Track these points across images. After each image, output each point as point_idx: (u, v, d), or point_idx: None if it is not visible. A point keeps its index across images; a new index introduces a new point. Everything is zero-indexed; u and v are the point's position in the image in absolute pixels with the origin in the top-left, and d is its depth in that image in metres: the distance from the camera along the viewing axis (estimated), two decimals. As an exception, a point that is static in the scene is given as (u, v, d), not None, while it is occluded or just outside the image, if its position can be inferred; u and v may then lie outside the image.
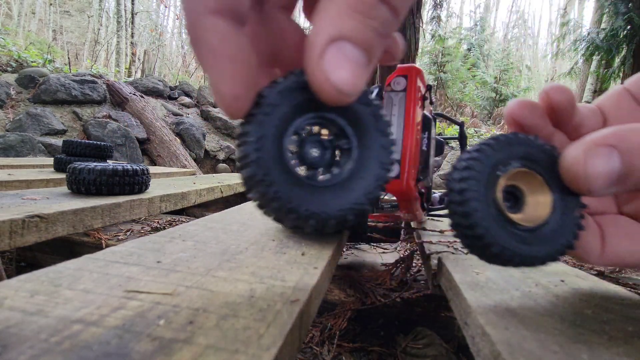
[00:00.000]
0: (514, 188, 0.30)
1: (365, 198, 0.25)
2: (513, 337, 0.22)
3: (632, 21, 5.85)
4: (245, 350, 0.18)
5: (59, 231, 0.63)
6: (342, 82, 0.20)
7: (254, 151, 0.22)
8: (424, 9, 8.03)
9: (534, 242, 0.28)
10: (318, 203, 0.24)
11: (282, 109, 0.23)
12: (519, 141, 0.29)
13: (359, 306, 0.86)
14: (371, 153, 0.25)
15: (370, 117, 0.24)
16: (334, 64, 0.19)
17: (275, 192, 0.22)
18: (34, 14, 13.71)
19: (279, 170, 0.22)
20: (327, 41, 0.19)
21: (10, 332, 0.18)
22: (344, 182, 0.25)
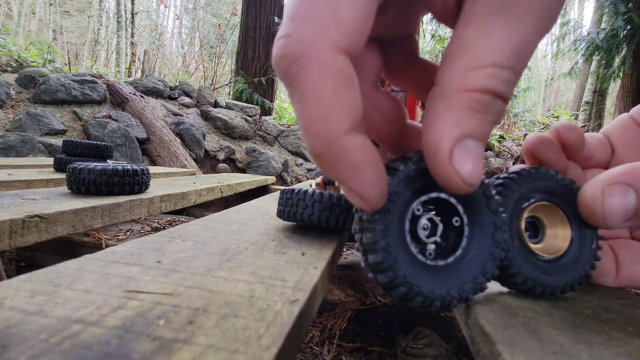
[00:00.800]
0: (534, 219, 0.32)
1: (482, 276, 0.26)
2: (513, 337, 0.22)
3: (632, 21, 5.85)
4: (245, 350, 0.18)
5: (59, 231, 0.63)
6: (471, 176, 0.21)
7: (382, 238, 0.23)
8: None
9: (554, 273, 0.30)
10: (440, 284, 0.25)
11: (404, 196, 0.24)
12: (540, 176, 0.30)
13: (359, 306, 0.86)
14: (484, 231, 0.26)
15: (482, 196, 0.26)
16: (462, 161, 0.21)
17: (405, 277, 0.23)
18: (34, 14, 13.71)
19: (404, 255, 0.24)
20: (454, 143, 0.21)
21: (10, 332, 0.18)
22: (459, 261, 0.26)
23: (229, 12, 13.39)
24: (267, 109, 5.64)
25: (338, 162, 0.20)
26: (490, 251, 0.26)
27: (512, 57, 0.20)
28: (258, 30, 5.68)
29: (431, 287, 0.24)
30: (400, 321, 0.87)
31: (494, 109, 0.21)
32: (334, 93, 0.19)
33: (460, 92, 0.20)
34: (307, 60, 0.18)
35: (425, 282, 0.24)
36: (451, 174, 0.21)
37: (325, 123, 0.19)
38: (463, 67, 0.20)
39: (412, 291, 0.24)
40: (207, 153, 4.34)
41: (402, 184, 0.24)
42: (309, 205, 0.48)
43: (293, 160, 4.54)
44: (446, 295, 0.24)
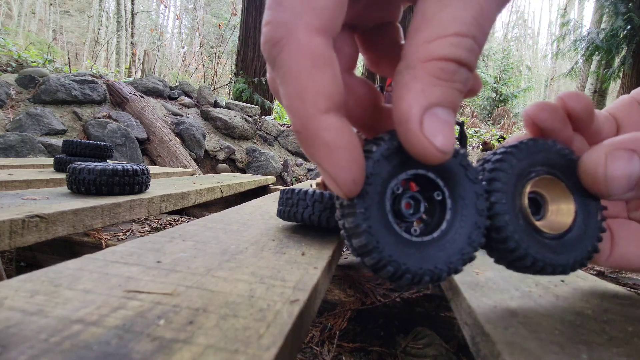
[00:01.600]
0: (535, 194, 0.30)
1: (469, 246, 0.26)
2: (513, 337, 0.22)
3: (632, 21, 5.85)
4: (245, 350, 0.18)
5: (59, 231, 0.63)
6: (443, 143, 0.21)
7: (363, 221, 0.23)
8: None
9: (562, 250, 0.28)
10: (428, 259, 0.25)
11: (381, 176, 0.24)
12: (539, 148, 0.29)
13: (359, 306, 0.86)
14: (466, 202, 0.26)
15: (459, 166, 0.26)
16: (433, 130, 0.21)
17: (390, 256, 0.23)
18: (34, 14, 13.71)
19: (387, 235, 0.24)
20: (422, 111, 0.21)
21: (10, 332, 0.18)
22: (445, 234, 0.26)
23: (229, 12, 13.38)
24: (267, 109, 5.64)
25: (313, 140, 0.21)
26: (475, 220, 0.26)
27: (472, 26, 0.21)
28: (258, 30, 5.68)
29: (419, 264, 0.24)
30: (400, 321, 0.87)
31: (459, 76, 0.21)
32: (311, 72, 0.19)
33: (424, 62, 0.21)
34: (285, 42, 0.19)
35: (412, 259, 0.24)
36: (424, 143, 0.21)
37: (302, 101, 0.20)
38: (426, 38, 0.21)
39: (399, 270, 0.24)
40: (207, 153, 4.34)
41: (377, 165, 0.24)
42: (310, 205, 0.48)
43: (293, 160, 4.54)
44: (434, 270, 0.24)
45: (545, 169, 0.29)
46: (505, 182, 0.27)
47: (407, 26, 0.24)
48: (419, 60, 0.21)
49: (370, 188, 0.23)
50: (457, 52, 0.21)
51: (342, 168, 0.21)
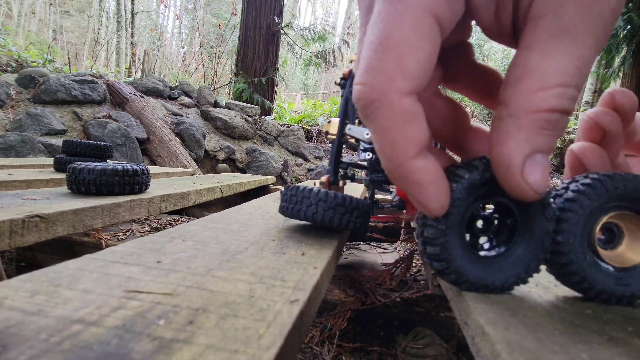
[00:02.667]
0: (611, 224, 0.30)
1: (525, 272, 0.29)
2: (513, 337, 0.22)
3: (632, 21, 5.85)
4: (245, 350, 0.18)
5: (59, 231, 0.63)
6: (540, 185, 0.24)
7: (442, 235, 0.27)
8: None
9: (632, 281, 0.29)
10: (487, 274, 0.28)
11: (467, 201, 0.27)
12: (616, 182, 0.28)
13: (359, 306, 0.86)
14: (534, 235, 0.28)
15: (538, 203, 0.27)
16: (532, 173, 0.23)
17: (456, 267, 0.27)
18: (34, 14, 13.71)
19: (458, 249, 0.27)
20: (524, 159, 0.23)
21: (10, 332, 0.18)
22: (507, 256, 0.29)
23: (229, 12, 13.38)
24: (267, 109, 5.64)
25: (405, 180, 0.24)
26: (537, 253, 0.28)
27: (575, 76, 0.22)
28: (258, 30, 5.68)
29: (479, 276, 0.28)
30: (400, 321, 0.87)
31: (561, 124, 0.23)
32: (402, 128, 0.22)
33: (530, 113, 0.22)
34: (379, 104, 0.22)
35: (474, 271, 0.28)
36: (522, 186, 0.24)
37: (394, 150, 0.23)
38: (531, 89, 0.22)
39: (461, 278, 0.28)
40: (207, 153, 4.34)
41: (465, 191, 0.26)
42: (314, 204, 0.48)
43: (293, 160, 4.54)
44: (490, 284, 0.28)
45: (622, 204, 0.29)
46: (575, 223, 0.28)
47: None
48: (524, 110, 0.22)
49: (455, 210, 0.26)
50: (562, 103, 0.22)
51: (431, 199, 0.25)
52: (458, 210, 0.26)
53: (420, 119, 0.23)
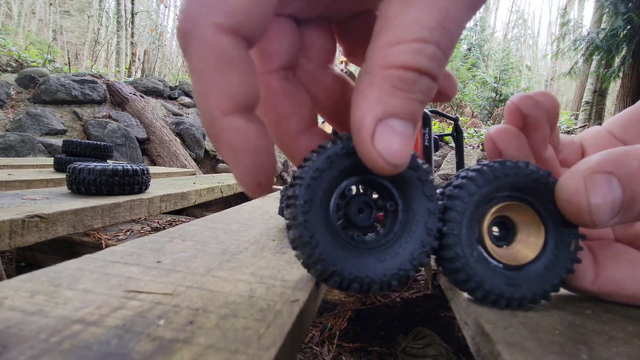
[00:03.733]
0: (505, 218, 0.28)
1: (410, 264, 0.25)
2: (513, 337, 0.22)
3: (632, 21, 5.85)
4: (245, 350, 0.18)
5: (59, 231, 0.63)
6: (395, 157, 0.20)
7: (301, 214, 0.22)
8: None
9: (522, 282, 0.27)
10: (362, 267, 0.24)
11: (330, 174, 0.23)
12: (506, 171, 0.26)
13: (359, 306, 0.86)
14: (417, 217, 0.25)
15: (417, 180, 0.25)
16: (385, 141, 0.20)
17: (320, 254, 0.23)
18: (34, 14, 13.71)
19: (325, 233, 0.23)
20: (375, 121, 0.20)
21: (10, 332, 0.18)
22: (389, 246, 0.25)
23: (229, 12, 13.33)
24: (267, 109, 5.63)
25: (217, 141, 0.20)
26: (421, 239, 0.25)
27: (436, 31, 0.19)
28: (258, 30, 5.66)
29: (352, 269, 0.23)
30: (400, 321, 0.87)
31: (420, 86, 0.20)
32: (214, 73, 0.19)
33: (382, 69, 0.20)
34: (192, 38, 0.19)
35: (347, 263, 0.23)
36: (372, 154, 0.20)
37: (206, 100, 0.19)
38: (386, 43, 0.20)
39: (328, 270, 0.23)
40: (207, 153, 4.34)
41: (327, 162, 0.23)
42: None
43: (293, 160, 4.53)
44: (365, 279, 0.23)
45: (513, 194, 0.27)
46: (461, 211, 0.26)
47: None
48: (378, 66, 0.20)
49: (316, 183, 0.23)
50: (418, 60, 0.19)
51: (246, 171, 0.21)
52: (320, 185, 0.23)
53: (241, 68, 0.19)
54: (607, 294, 0.28)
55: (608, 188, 0.23)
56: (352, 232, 0.25)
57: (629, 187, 0.23)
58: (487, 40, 15.34)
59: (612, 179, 0.23)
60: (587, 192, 0.23)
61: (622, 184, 0.23)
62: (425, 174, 0.25)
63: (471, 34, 14.61)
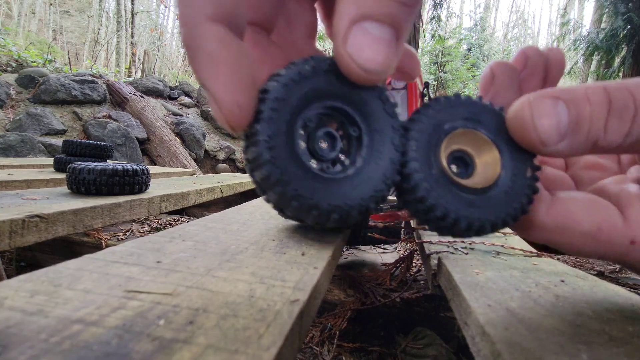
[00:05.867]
0: (462, 152, 0.28)
1: (383, 184, 0.24)
2: (513, 337, 0.22)
3: (632, 21, 5.85)
4: (245, 350, 0.18)
5: (59, 231, 0.63)
6: (369, 62, 0.19)
7: (266, 150, 0.21)
8: (424, 9, 8.04)
9: (482, 205, 0.26)
10: (339, 196, 0.23)
11: (290, 103, 0.22)
12: (461, 101, 0.27)
13: (359, 306, 0.86)
14: (383, 137, 0.24)
15: (377, 100, 0.24)
16: (359, 45, 0.19)
17: (295, 190, 0.21)
18: (34, 14, 13.71)
19: (295, 167, 0.22)
20: (350, 23, 0.19)
21: (10, 332, 0.18)
22: (360, 171, 0.24)
23: (229, 12, 13.32)
24: (267, 109, 5.63)
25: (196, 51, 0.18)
26: (390, 157, 0.24)
27: None
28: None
29: (328, 200, 0.22)
30: (400, 321, 0.87)
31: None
32: None
33: None
34: None
35: (321, 194, 0.22)
36: (345, 59, 0.19)
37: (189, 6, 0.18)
38: None
39: (305, 204, 0.22)
40: (207, 153, 4.34)
41: (284, 89, 0.21)
42: None
43: (293, 160, 4.54)
44: (344, 206, 0.23)
45: (467, 123, 0.27)
46: (421, 130, 0.26)
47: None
48: None
49: (277, 115, 0.21)
50: None
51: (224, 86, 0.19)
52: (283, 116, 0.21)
53: None
54: (561, 228, 0.26)
55: (553, 109, 0.23)
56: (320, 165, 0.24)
57: (574, 108, 0.23)
58: (487, 40, 15.34)
59: (558, 102, 0.23)
60: (532, 112, 0.23)
61: (568, 105, 0.23)
62: (382, 91, 0.24)
63: (471, 34, 14.61)
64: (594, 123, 0.22)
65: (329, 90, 0.23)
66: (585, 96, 0.22)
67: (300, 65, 0.22)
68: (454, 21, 21.72)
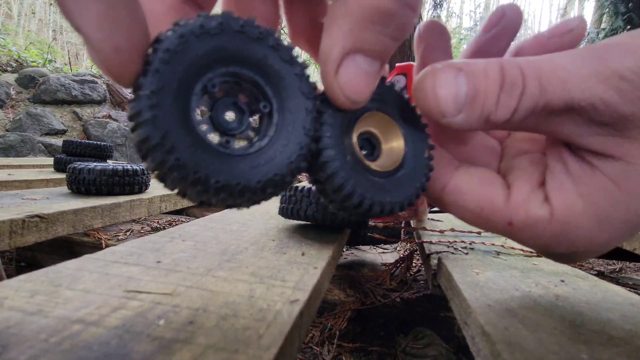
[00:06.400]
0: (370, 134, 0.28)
1: (287, 168, 0.22)
2: (513, 337, 0.22)
3: (632, 21, 5.85)
4: (245, 350, 0.18)
5: (59, 231, 0.63)
6: (353, 93, 0.20)
7: (148, 108, 0.18)
8: (424, 9, 8.05)
9: (392, 188, 0.27)
10: (232, 173, 0.21)
11: (186, 58, 0.19)
12: None
13: (359, 306, 0.86)
14: (295, 118, 0.22)
15: (294, 77, 0.22)
16: (349, 78, 0.20)
17: (177, 159, 0.19)
18: (34, 14, 13.72)
19: (182, 133, 0.19)
20: (342, 55, 0.19)
21: (10, 332, 0.18)
22: (263, 151, 0.22)
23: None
24: (267, 109, 5.64)
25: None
26: (299, 141, 0.23)
27: None
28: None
29: (219, 177, 0.20)
30: (400, 321, 0.87)
31: (398, 20, 0.19)
32: None
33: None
34: None
35: (212, 170, 0.20)
36: (334, 87, 0.20)
37: None
38: None
39: (188, 176, 0.19)
40: (207, 153, 4.33)
41: (180, 42, 0.19)
42: (313, 202, 0.48)
43: (293, 160, 4.54)
44: (236, 186, 0.20)
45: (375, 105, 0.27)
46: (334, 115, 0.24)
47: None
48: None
49: (167, 69, 0.19)
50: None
51: (99, 25, 0.16)
52: (173, 72, 0.19)
53: None
54: (450, 204, 0.27)
55: (454, 80, 0.22)
56: (223, 138, 0.22)
57: (472, 82, 0.22)
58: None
59: (460, 73, 0.23)
60: (434, 82, 0.23)
61: (467, 78, 0.22)
62: (302, 68, 0.23)
63: (471, 33, 14.61)
64: (488, 98, 0.22)
65: (237, 55, 0.20)
66: (483, 71, 0.22)
67: (204, 18, 0.19)
68: (454, 21, 21.72)
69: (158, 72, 0.18)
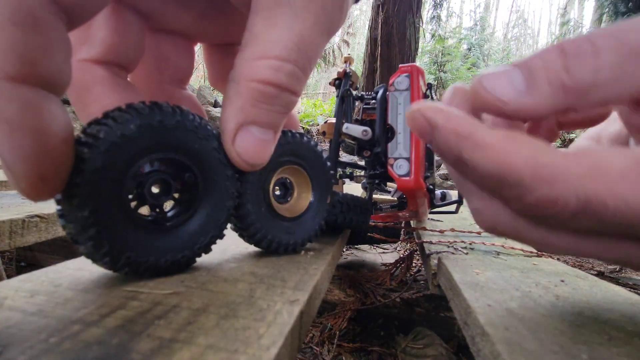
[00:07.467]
0: (285, 179, 0.34)
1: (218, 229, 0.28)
2: (513, 337, 0.22)
3: (632, 21, 5.85)
4: (245, 350, 0.18)
5: (59, 231, 0.63)
6: (251, 157, 0.24)
7: (91, 227, 0.20)
8: (424, 9, 8.04)
9: (295, 231, 0.33)
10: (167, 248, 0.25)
11: (113, 169, 0.20)
12: (288, 139, 0.31)
13: (359, 306, 0.86)
14: (218, 186, 0.26)
15: (213, 151, 0.25)
16: (245, 145, 0.23)
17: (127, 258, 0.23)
18: (34, 14, 13.70)
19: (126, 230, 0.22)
20: (237, 126, 0.23)
21: (10, 332, 0.18)
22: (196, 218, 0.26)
23: (229, 12, 13.33)
24: (267, 109, 5.64)
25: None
26: (227, 204, 0.27)
27: (293, 51, 0.21)
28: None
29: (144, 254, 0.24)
30: (400, 321, 0.87)
31: (280, 100, 0.22)
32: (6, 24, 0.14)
33: (247, 81, 0.21)
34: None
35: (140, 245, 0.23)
36: (232, 154, 0.24)
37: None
38: (250, 56, 0.21)
39: (119, 262, 0.23)
40: (207, 153, 4.33)
41: (104, 158, 0.19)
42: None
43: (293, 160, 4.54)
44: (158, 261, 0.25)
45: (292, 159, 0.32)
46: (254, 173, 0.29)
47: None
48: (243, 77, 0.21)
49: (97, 184, 0.20)
50: (278, 77, 0.21)
51: (23, 157, 0.16)
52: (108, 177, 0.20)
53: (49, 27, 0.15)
54: None
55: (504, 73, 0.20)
56: (153, 212, 0.25)
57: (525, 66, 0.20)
58: (487, 40, 15.35)
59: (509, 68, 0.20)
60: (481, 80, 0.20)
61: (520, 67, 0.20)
62: (220, 143, 0.25)
63: (471, 33, 14.62)
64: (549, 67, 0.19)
65: (160, 145, 0.23)
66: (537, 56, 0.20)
67: (122, 124, 0.20)
68: (454, 21, 21.72)
69: (91, 195, 0.20)
